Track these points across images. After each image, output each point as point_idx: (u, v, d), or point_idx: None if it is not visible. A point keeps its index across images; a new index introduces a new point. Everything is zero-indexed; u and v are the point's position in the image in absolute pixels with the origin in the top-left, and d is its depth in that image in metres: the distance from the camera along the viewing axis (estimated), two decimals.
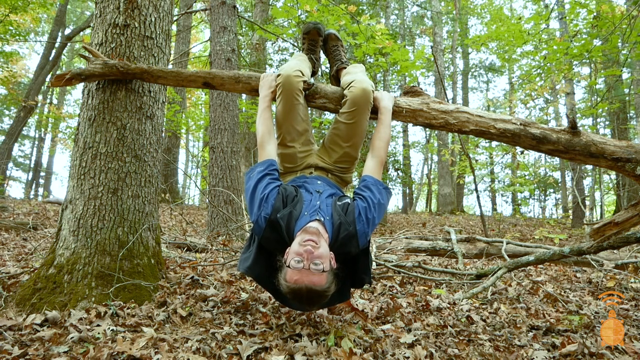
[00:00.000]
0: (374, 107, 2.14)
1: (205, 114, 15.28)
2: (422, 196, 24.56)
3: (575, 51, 6.77)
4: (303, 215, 1.72)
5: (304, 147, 2.16)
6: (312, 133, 2.23)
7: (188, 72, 2.38)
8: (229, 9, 5.99)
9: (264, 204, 1.72)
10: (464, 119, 2.17)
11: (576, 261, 3.45)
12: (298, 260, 1.57)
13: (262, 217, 1.70)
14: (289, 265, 1.59)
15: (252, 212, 1.74)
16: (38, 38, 19.61)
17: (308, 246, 1.58)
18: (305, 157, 2.16)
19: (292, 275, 1.57)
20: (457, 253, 3.80)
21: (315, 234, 1.62)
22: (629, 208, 2.24)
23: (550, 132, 2.10)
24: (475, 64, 21.75)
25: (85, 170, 2.24)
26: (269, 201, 1.72)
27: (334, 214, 1.73)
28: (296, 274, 1.57)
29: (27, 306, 2.02)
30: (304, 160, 2.15)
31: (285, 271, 1.62)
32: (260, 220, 1.70)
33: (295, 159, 2.13)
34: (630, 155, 2.02)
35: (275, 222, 1.70)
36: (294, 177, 2.10)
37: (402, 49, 6.72)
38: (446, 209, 14.37)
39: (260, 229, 1.71)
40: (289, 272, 1.59)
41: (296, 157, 2.13)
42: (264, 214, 1.70)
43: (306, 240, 1.60)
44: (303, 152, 2.15)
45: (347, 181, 2.20)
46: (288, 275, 1.59)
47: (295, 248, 1.61)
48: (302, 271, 1.56)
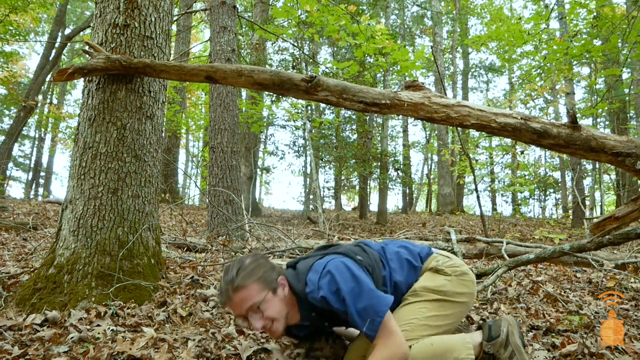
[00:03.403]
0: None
1: (205, 114, 15.29)
2: (422, 196, 24.57)
3: (575, 51, 6.77)
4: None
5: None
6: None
7: (190, 66, 2.38)
8: (229, 9, 5.99)
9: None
10: (465, 113, 2.17)
11: (576, 261, 3.45)
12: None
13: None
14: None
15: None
16: (38, 38, 19.61)
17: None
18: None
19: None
20: (457, 253, 3.80)
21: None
22: (629, 203, 2.24)
23: (551, 126, 2.10)
24: (475, 64, 21.75)
25: (85, 170, 2.24)
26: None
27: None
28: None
29: (27, 306, 2.02)
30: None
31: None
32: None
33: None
34: (631, 150, 2.02)
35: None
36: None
37: (402, 49, 6.73)
38: (446, 209, 14.37)
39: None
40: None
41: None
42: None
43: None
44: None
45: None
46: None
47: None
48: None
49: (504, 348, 1.56)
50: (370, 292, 1.44)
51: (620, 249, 4.88)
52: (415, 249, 1.73)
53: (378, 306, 1.42)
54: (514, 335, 1.60)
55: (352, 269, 1.49)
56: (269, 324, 1.49)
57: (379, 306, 1.42)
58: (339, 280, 1.44)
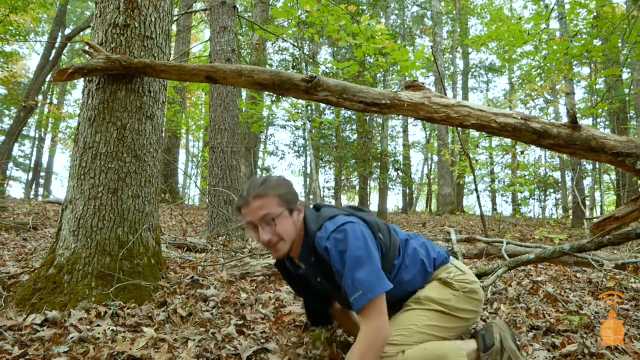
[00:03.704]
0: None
1: (205, 114, 15.29)
2: (422, 196, 24.57)
3: (575, 51, 6.77)
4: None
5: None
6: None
7: (191, 66, 2.38)
8: (229, 9, 5.99)
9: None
10: (465, 112, 2.17)
11: (576, 261, 3.45)
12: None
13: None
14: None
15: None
16: (38, 38, 19.62)
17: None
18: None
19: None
20: (457, 253, 3.80)
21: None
22: (629, 203, 2.24)
23: (551, 126, 2.10)
24: (475, 64, 21.76)
25: (85, 170, 2.24)
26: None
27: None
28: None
29: (27, 306, 2.02)
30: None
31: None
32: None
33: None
34: (631, 150, 2.02)
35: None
36: None
37: (402, 49, 6.73)
38: (446, 209, 14.37)
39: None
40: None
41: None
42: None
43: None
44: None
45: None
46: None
47: None
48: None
49: (500, 355, 1.56)
50: (374, 268, 1.43)
51: (620, 249, 4.88)
52: (433, 253, 1.70)
53: (376, 284, 1.41)
54: (508, 340, 1.59)
55: (368, 240, 1.48)
56: (275, 239, 1.50)
57: (376, 285, 1.41)
58: (350, 242, 1.43)
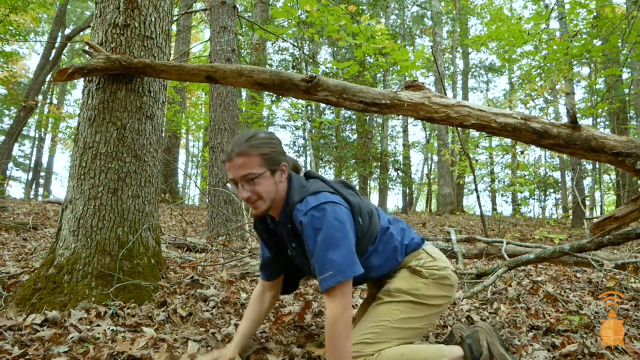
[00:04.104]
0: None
1: (205, 114, 15.30)
2: (422, 196, 24.56)
3: (575, 51, 6.77)
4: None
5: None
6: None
7: (191, 66, 2.38)
8: (229, 9, 5.99)
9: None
10: (465, 113, 2.17)
11: (576, 261, 3.45)
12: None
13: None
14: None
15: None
16: (38, 38, 19.62)
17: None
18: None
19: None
20: (457, 253, 3.80)
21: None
22: (629, 203, 2.25)
23: (551, 126, 2.10)
24: (475, 64, 21.77)
25: (85, 170, 2.24)
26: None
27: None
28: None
29: (27, 306, 2.02)
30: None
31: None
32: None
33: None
34: (631, 150, 2.02)
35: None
36: None
37: (402, 49, 6.73)
38: (446, 209, 14.36)
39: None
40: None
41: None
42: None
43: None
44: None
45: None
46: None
47: None
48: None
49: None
50: (348, 251, 1.43)
51: (620, 249, 4.88)
52: (406, 240, 1.68)
53: (347, 268, 1.41)
54: (495, 345, 1.58)
55: (346, 222, 1.46)
56: (255, 198, 1.49)
57: (347, 268, 1.41)
58: (327, 222, 1.42)
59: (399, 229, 1.70)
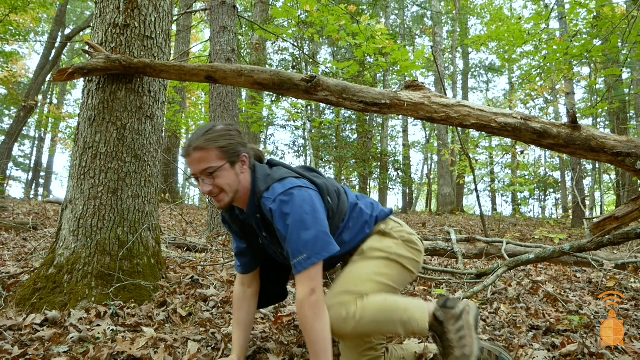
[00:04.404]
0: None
1: (205, 114, 15.30)
2: (422, 196, 24.57)
3: (575, 51, 6.77)
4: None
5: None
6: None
7: (191, 66, 2.38)
8: (229, 9, 5.99)
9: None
10: (465, 112, 2.18)
11: (576, 261, 3.45)
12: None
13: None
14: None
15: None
16: (38, 38, 19.62)
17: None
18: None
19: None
20: (457, 253, 3.80)
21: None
22: (629, 203, 2.25)
23: (551, 126, 2.10)
24: (475, 64, 21.78)
25: (85, 170, 2.24)
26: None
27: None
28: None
29: (27, 306, 2.02)
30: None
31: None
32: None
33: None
34: (631, 149, 2.02)
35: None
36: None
37: (402, 49, 6.73)
38: (446, 209, 14.36)
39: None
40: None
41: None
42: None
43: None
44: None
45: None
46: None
47: None
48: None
49: (455, 320, 1.52)
50: (320, 232, 1.43)
51: (620, 249, 4.88)
52: (375, 212, 1.70)
53: (321, 249, 1.41)
54: (469, 315, 1.56)
55: (316, 204, 1.47)
56: (217, 191, 1.49)
57: (322, 249, 1.41)
58: (296, 206, 1.43)
59: (368, 204, 1.72)
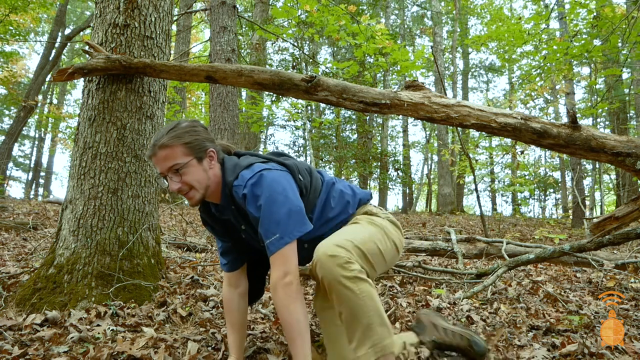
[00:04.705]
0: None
1: (205, 114, 15.30)
2: (422, 196, 24.56)
3: (575, 51, 6.77)
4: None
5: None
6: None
7: (191, 66, 2.38)
8: (229, 9, 5.99)
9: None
10: (465, 112, 2.18)
11: (576, 261, 3.45)
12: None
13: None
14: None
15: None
16: (38, 38, 19.62)
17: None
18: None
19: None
20: (457, 253, 3.80)
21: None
22: (629, 203, 2.25)
23: (551, 126, 2.10)
24: (475, 64, 21.79)
25: (85, 170, 2.24)
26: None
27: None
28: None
29: (27, 306, 2.02)
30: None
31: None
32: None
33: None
34: (631, 149, 2.02)
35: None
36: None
37: (402, 49, 6.73)
38: (446, 209, 14.36)
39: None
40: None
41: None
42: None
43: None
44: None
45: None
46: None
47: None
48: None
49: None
50: (292, 211, 1.42)
51: (620, 249, 4.88)
52: (358, 194, 1.70)
53: (293, 228, 1.40)
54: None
55: (286, 183, 1.46)
56: (186, 189, 1.48)
57: (294, 229, 1.40)
58: (266, 186, 1.42)
59: (346, 186, 1.73)
